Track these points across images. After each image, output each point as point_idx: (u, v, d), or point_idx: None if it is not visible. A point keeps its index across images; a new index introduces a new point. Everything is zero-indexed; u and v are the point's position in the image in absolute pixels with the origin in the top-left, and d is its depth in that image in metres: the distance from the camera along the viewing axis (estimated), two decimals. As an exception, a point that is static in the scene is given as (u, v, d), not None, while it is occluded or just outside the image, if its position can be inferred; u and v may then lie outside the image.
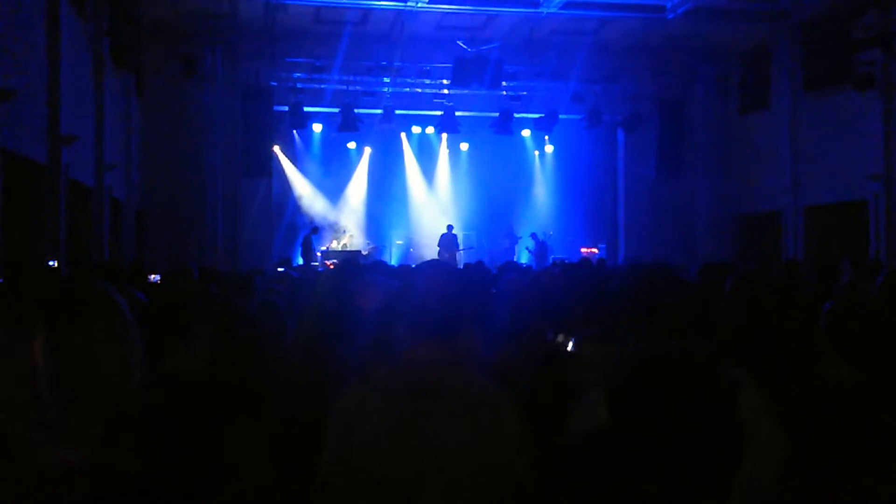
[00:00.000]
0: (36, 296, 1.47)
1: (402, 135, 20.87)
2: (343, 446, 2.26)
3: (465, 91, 17.73)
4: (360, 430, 2.24)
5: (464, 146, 21.24)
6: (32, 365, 1.39)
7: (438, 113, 18.52)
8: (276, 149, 19.27)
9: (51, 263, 10.57)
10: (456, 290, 2.40)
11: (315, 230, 18.27)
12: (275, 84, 17.56)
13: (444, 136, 20.45)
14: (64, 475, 1.39)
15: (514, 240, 20.21)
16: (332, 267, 15.27)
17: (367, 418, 2.25)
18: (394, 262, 18.41)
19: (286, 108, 17.59)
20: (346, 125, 17.82)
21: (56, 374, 1.39)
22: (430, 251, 19.17)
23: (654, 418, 1.52)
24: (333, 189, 20.53)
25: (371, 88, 18.07)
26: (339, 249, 18.36)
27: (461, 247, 19.77)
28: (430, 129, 20.01)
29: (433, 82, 18.23)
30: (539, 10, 16.21)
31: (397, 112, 18.34)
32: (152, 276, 6.16)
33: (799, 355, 2.88)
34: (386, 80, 18.09)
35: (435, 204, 21.32)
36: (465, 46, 17.10)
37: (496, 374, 2.62)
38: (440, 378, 2.25)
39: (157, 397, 1.55)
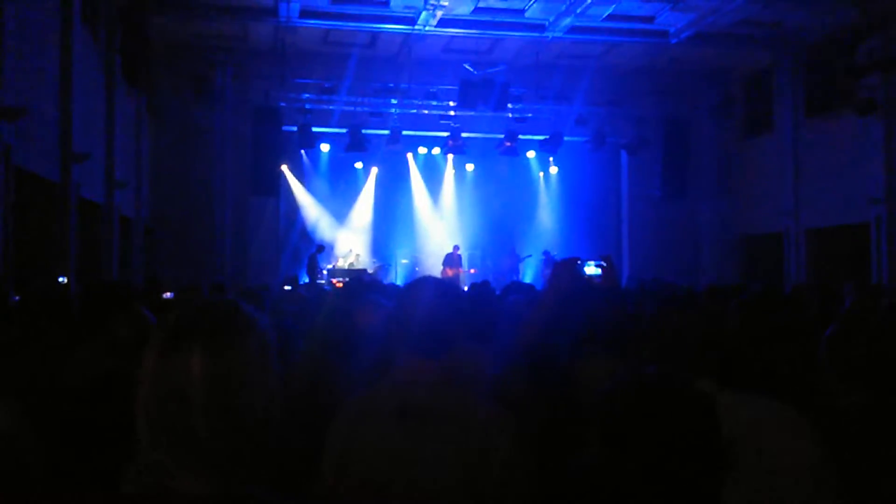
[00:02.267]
0: (186, 313, 1.42)
1: (409, 155, 21.01)
2: (337, 468, 2.24)
3: (472, 113, 17.89)
4: (354, 451, 2.22)
5: (469, 167, 21.37)
6: (186, 384, 1.33)
7: (445, 134, 18.68)
8: (285, 168, 19.40)
9: (61, 280, 10.69)
10: (447, 307, 2.33)
11: (321, 249, 18.38)
12: (284, 104, 17.74)
13: (450, 156, 20.59)
14: None
15: (517, 259, 20.27)
16: (339, 286, 15.37)
17: (359, 440, 2.22)
18: (399, 281, 18.48)
19: (295, 129, 17.74)
20: (354, 145, 17.98)
21: (212, 393, 1.33)
22: (436, 271, 19.27)
23: (642, 448, 1.55)
24: (340, 208, 20.67)
25: (378, 109, 18.22)
26: (346, 268, 18.46)
27: (465, 267, 19.87)
28: (436, 150, 20.17)
29: (440, 104, 18.39)
30: (545, 35, 16.44)
31: (404, 133, 18.49)
32: (166, 293, 6.24)
33: (802, 379, 2.88)
34: (393, 101, 18.25)
35: (440, 224, 21.41)
36: (471, 69, 17.30)
37: (499, 395, 2.53)
38: (432, 399, 2.20)
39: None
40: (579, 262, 3.33)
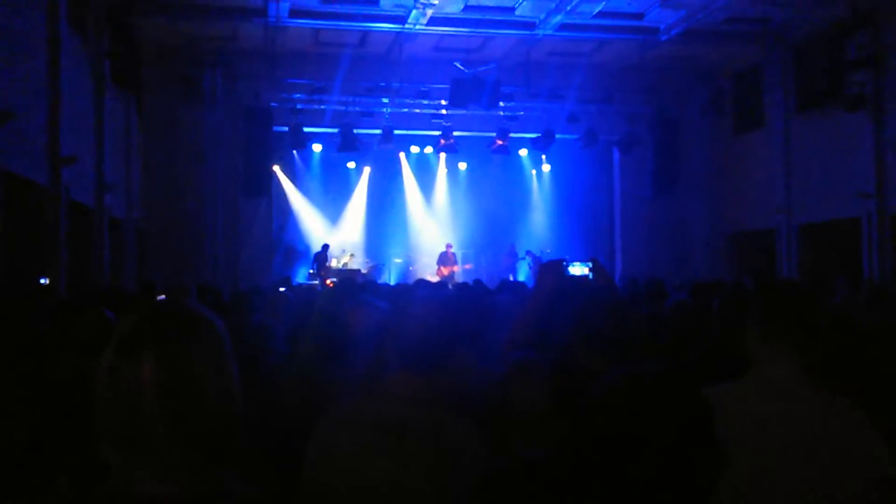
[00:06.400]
0: (140, 318, 1.42)
1: (401, 154, 20.98)
2: (312, 476, 2.23)
3: (463, 111, 17.87)
4: (327, 461, 2.20)
5: (462, 166, 21.35)
6: (139, 389, 1.33)
7: (437, 133, 18.66)
8: (276, 169, 19.38)
9: (42, 281, 10.57)
10: (443, 321, 2.26)
11: (325, 248, 18.50)
12: (275, 105, 17.69)
13: (443, 155, 20.58)
14: None
15: (515, 258, 20.26)
16: (330, 286, 15.33)
17: (332, 450, 2.20)
18: (392, 280, 18.47)
19: (286, 129, 17.71)
20: (346, 145, 17.94)
21: (164, 399, 1.33)
22: (430, 270, 19.25)
23: (632, 440, 1.54)
24: (333, 208, 20.64)
25: (370, 109, 18.19)
26: (339, 268, 18.43)
27: (460, 263, 19.87)
28: (428, 149, 20.15)
29: (431, 103, 18.37)
30: (535, 33, 16.44)
31: (396, 132, 18.45)
32: (160, 296, 6.20)
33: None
34: (385, 100, 18.22)
35: (434, 223, 21.40)
36: (462, 68, 17.26)
37: (491, 404, 2.48)
38: (405, 415, 2.14)
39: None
40: (564, 262, 3.33)
